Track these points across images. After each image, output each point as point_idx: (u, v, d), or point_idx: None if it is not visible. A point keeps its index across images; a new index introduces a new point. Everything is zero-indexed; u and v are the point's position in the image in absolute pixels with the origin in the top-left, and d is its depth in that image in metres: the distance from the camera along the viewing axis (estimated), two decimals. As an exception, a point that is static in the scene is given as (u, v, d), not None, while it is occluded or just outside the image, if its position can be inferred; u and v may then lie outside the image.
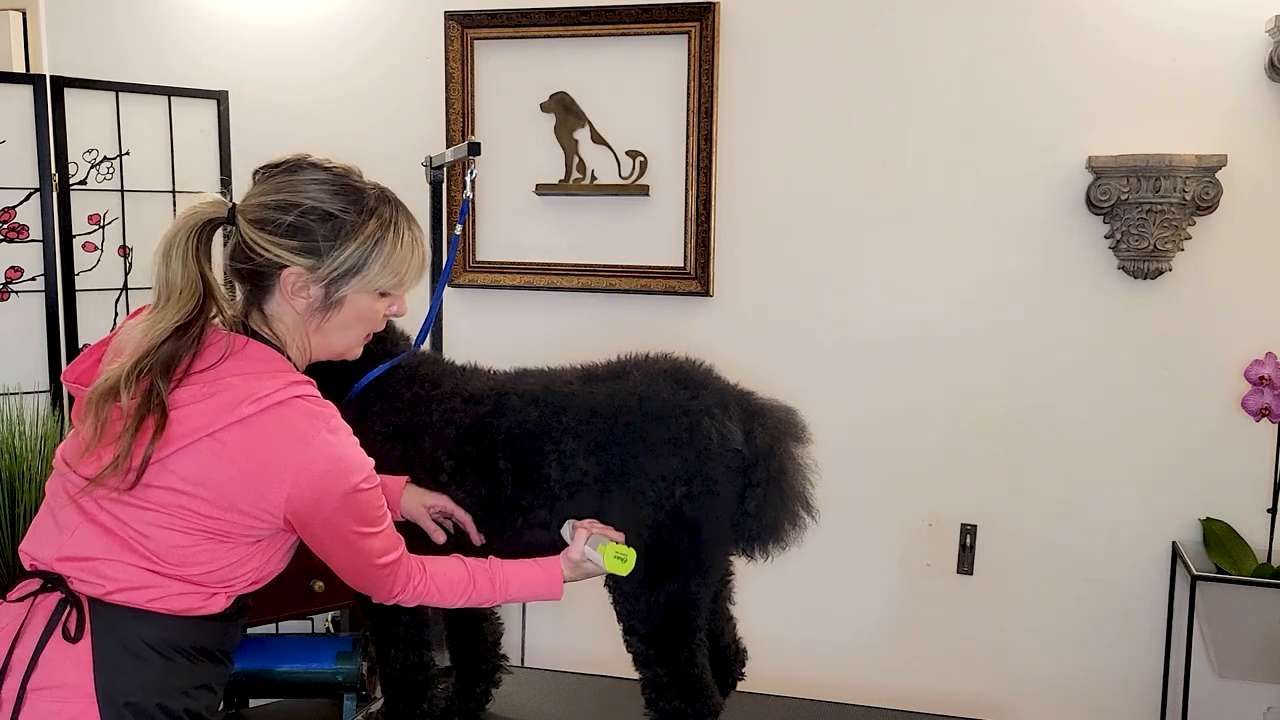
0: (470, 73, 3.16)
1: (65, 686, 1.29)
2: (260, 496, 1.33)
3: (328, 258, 1.38)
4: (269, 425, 1.32)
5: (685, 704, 1.65)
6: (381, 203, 1.44)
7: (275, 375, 1.36)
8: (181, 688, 1.36)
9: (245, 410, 1.31)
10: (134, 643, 1.32)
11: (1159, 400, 2.80)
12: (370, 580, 1.47)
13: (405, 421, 1.70)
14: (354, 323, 1.46)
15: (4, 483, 2.47)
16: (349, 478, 1.35)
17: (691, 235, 3.03)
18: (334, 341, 1.47)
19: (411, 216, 1.48)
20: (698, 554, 1.62)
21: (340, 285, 1.40)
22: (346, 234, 1.39)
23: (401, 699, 1.83)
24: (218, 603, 1.38)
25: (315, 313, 1.42)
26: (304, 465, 1.32)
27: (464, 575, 1.56)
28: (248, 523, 1.35)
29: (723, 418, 1.61)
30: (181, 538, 1.33)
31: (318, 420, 1.36)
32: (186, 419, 1.31)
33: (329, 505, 1.35)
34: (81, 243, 2.90)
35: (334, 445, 1.35)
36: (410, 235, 1.46)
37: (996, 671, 2.96)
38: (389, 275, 1.43)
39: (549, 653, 3.19)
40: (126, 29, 3.39)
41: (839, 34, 2.92)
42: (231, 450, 1.31)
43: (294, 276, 1.38)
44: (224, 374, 1.34)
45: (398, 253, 1.43)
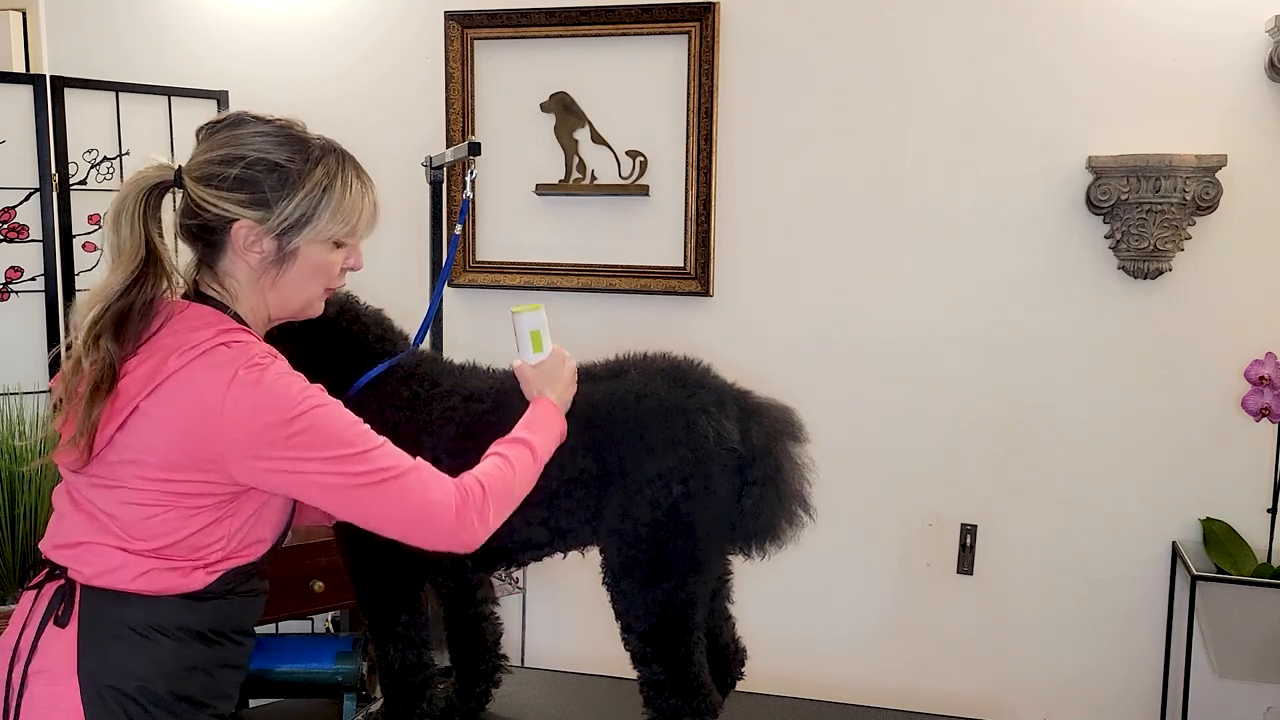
0: (470, 73, 3.16)
1: (55, 670, 1.31)
2: (198, 449, 1.30)
3: (277, 207, 1.37)
4: (192, 374, 1.30)
5: (683, 702, 1.65)
6: (327, 152, 1.42)
7: (206, 328, 1.34)
8: (165, 672, 1.35)
9: (173, 365, 1.30)
10: (117, 626, 1.33)
11: (1159, 400, 2.80)
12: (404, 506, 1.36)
13: (404, 420, 1.70)
14: (310, 276, 1.43)
15: (4, 483, 2.47)
16: (282, 408, 1.30)
17: (691, 235, 3.03)
18: (290, 297, 1.44)
19: (360, 166, 1.47)
20: (695, 552, 1.62)
21: (292, 235, 1.39)
22: (294, 183, 1.38)
23: (401, 699, 1.83)
24: (198, 579, 1.36)
25: (270, 267, 1.40)
26: (228, 409, 1.28)
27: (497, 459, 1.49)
28: (200, 480, 1.32)
29: (719, 416, 1.62)
30: (141, 510, 1.33)
31: (234, 361, 1.31)
32: (127, 388, 1.31)
33: (277, 444, 1.30)
34: (81, 243, 2.90)
35: (255, 380, 1.30)
36: (359, 183, 1.44)
37: (996, 671, 2.96)
38: (340, 223, 1.41)
39: (549, 653, 3.19)
40: (126, 29, 3.39)
41: (839, 34, 2.92)
42: (164, 407, 1.30)
43: (245, 230, 1.37)
44: (160, 338, 1.34)
45: (348, 199, 1.42)
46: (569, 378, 1.65)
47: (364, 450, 1.35)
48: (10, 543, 2.46)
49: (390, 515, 1.36)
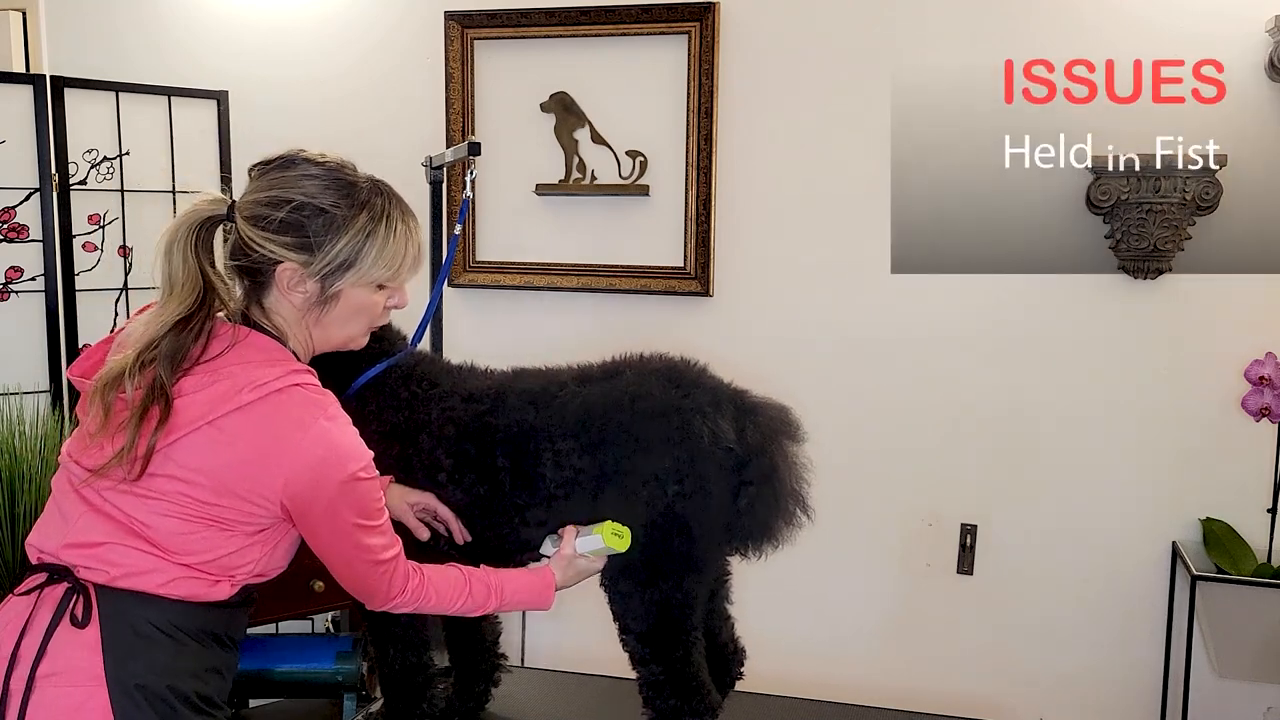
0: (470, 73, 3.16)
1: (73, 671, 1.31)
2: (257, 482, 1.33)
3: (320, 252, 1.39)
4: (267, 412, 1.33)
5: (681, 702, 1.65)
6: (374, 195, 1.44)
7: (276, 364, 1.37)
8: (191, 670, 1.36)
9: (245, 397, 1.33)
10: (143, 626, 1.33)
11: (1159, 400, 2.80)
12: (368, 579, 1.46)
13: (403, 420, 1.70)
14: (352, 316, 1.46)
15: (4, 483, 2.47)
16: (346, 465, 1.36)
17: (691, 235, 3.03)
18: (333, 335, 1.48)
19: (407, 208, 1.48)
20: (691, 552, 1.62)
21: (335, 279, 1.41)
22: (338, 228, 1.39)
23: (401, 699, 1.83)
24: (222, 590, 1.39)
25: (313, 307, 1.43)
26: (301, 451, 1.33)
27: (459, 577, 1.55)
28: (246, 510, 1.35)
29: (715, 416, 1.62)
30: (180, 524, 1.34)
31: (316, 408, 1.36)
32: (188, 407, 1.33)
33: (326, 493, 1.35)
34: (81, 243, 2.90)
35: (332, 432, 1.36)
36: (404, 227, 1.46)
37: (996, 671, 2.96)
38: (383, 268, 1.43)
39: (548, 653, 3.19)
40: (126, 29, 3.39)
41: (839, 34, 2.92)
42: (230, 436, 1.32)
43: (289, 272, 1.39)
44: (226, 363, 1.36)
45: (391, 245, 1.43)
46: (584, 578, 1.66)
47: (373, 529, 1.42)
48: (10, 543, 2.46)
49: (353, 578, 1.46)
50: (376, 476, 1.42)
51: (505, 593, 1.57)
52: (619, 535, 1.58)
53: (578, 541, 1.60)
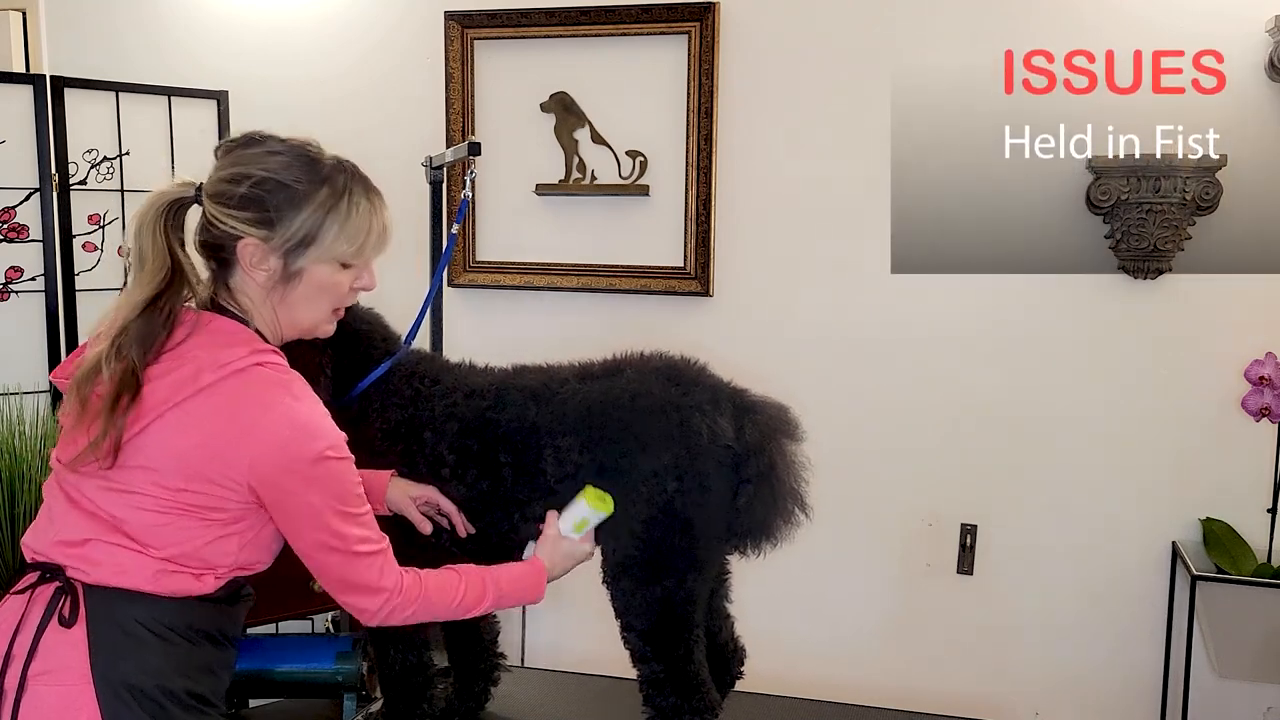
0: (470, 73, 3.16)
1: (62, 670, 1.31)
2: (224, 464, 1.32)
3: (280, 226, 1.38)
4: (230, 391, 1.33)
5: (682, 700, 1.66)
6: (337, 171, 1.43)
7: (238, 345, 1.37)
8: (182, 669, 1.36)
9: (206, 379, 1.32)
10: (130, 625, 1.33)
11: (1159, 400, 2.80)
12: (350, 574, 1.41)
13: (407, 418, 1.71)
14: (317, 295, 1.44)
15: (4, 483, 2.47)
16: (313, 443, 1.34)
17: (691, 235, 3.03)
18: (299, 315, 1.45)
19: (371, 186, 1.46)
20: (691, 549, 1.63)
21: (297, 255, 1.40)
22: (299, 202, 1.39)
23: (401, 699, 1.83)
24: (207, 583, 1.38)
25: (277, 285, 1.41)
26: (264, 430, 1.32)
27: (452, 576, 1.52)
28: (217, 494, 1.34)
29: (714, 414, 1.62)
30: (155, 517, 1.33)
31: (279, 386, 1.35)
32: (153, 393, 1.32)
33: (295, 474, 1.33)
34: (81, 243, 2.90)
35: (297, 410, 1.34)
36: (367, 203, 1.44)
37: (996, 671, 2.96)
38: (346, 243, 1.41)
39: (548, 652, 3.19)
40: (126, 29, 3.39)
41: (838, 34, 2.92)
42: (194, 418, 1.32)
43: (250, 248, 1.39)
44: (190, 348, 1.36)
45: (354, 219, 1.41)
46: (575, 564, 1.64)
47: (350, 515, 1.39)
48: (10, 543, 2.46)
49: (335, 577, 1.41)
50: (350, 459, 1.39)
51: (500, 586, 1.55)
52: (602, 500, 1.58)
53: (560, 521, 1.60)
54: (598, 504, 1.58)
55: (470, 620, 1.94)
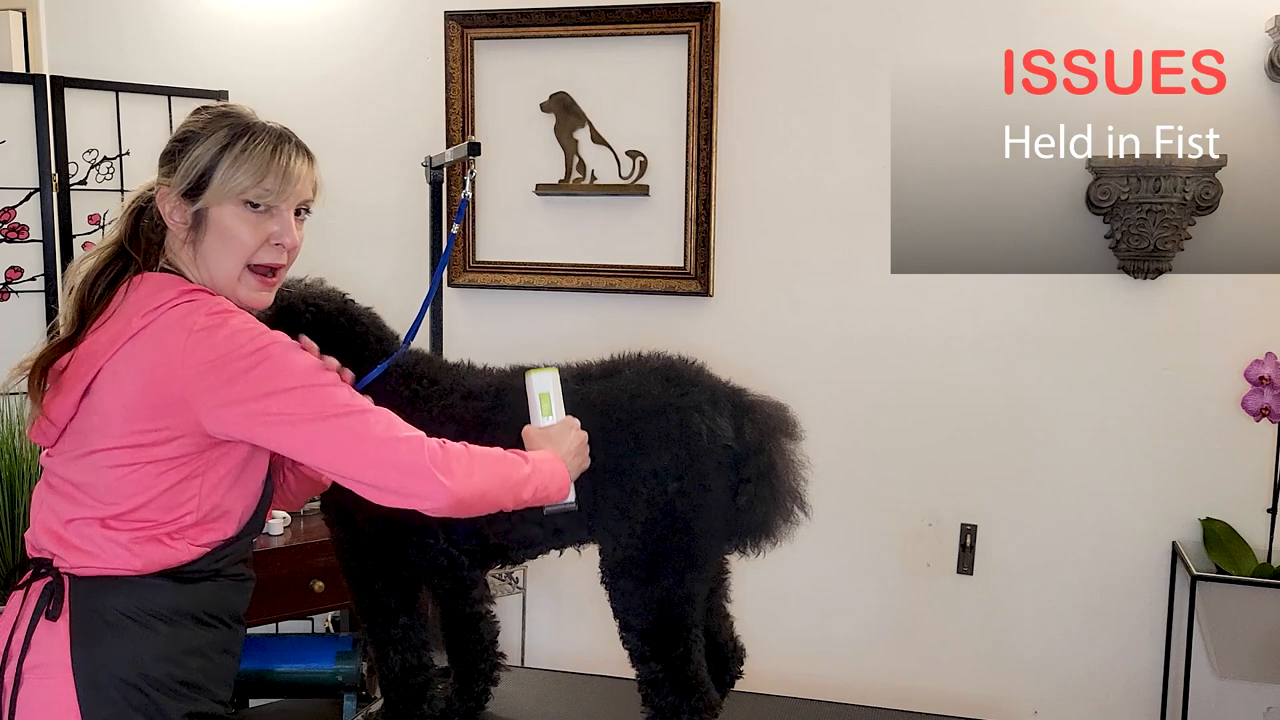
0: (470, 73, 3.16)
1: (49, 664, 1.32)
2: (164, 395, 1.31)
3: (180, 167, 1.39)
4: (158, 328, 1.33)
5: (681, 700, 1.65)
6: (241, 118, 1.42)
7: (167, 290, 1.37)
8: (165, 655, 1.35)
9: (137, 324, 1.33)
10: (110, 613, 1.33)
11: (1159, 400, 2.80)
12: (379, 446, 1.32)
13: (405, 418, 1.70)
14: (224, 243, 1.39)
15: (4, 483, 2.47)
16: (244, 343, 1.31)
17: (691, 235, 3.03)
18: (216, 270, 1.40)
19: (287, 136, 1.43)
20: (691, 549, 1.63)
21: (198, 194, 1.38)
22: (196, 141, 1.40)
23: (401, 701, 1.83)
24: (183, 550, 1.37)
25: (189, 235, 1.40)
26: (193, 347, 1.30)
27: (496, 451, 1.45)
28: (166, 430, 1.32)
29: (713, 413, 1.62)
30: (112, 472, 1.34)
31: (199, 307, 1.34)
32: (88, 352, 1.34)
33: (235, 376, 1.29)
34: (81, 243, 2.90)
35: (220, 323, 1.32)
36: (271, 145, 1.40)
37: (996, 671, 2.96)
38: (244, 175, 1.37)
39: (548, 653, 3.19)
40: (126, 29, 3.39)
41: (838, 34, 2.92)
42: (130, 361, 1.32)
43: (161, 195, 1.40)
44: (123, 307, 1.37)
45: (251, 154, 1.38)
46: (575, 446, 1.56)
47: (326, 385, 1.34)
48: (10, 543, 2.46)
49: (361, 453, 1.32)
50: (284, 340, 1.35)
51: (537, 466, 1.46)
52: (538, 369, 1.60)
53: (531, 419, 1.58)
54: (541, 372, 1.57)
55: (471, 621, 1.95)
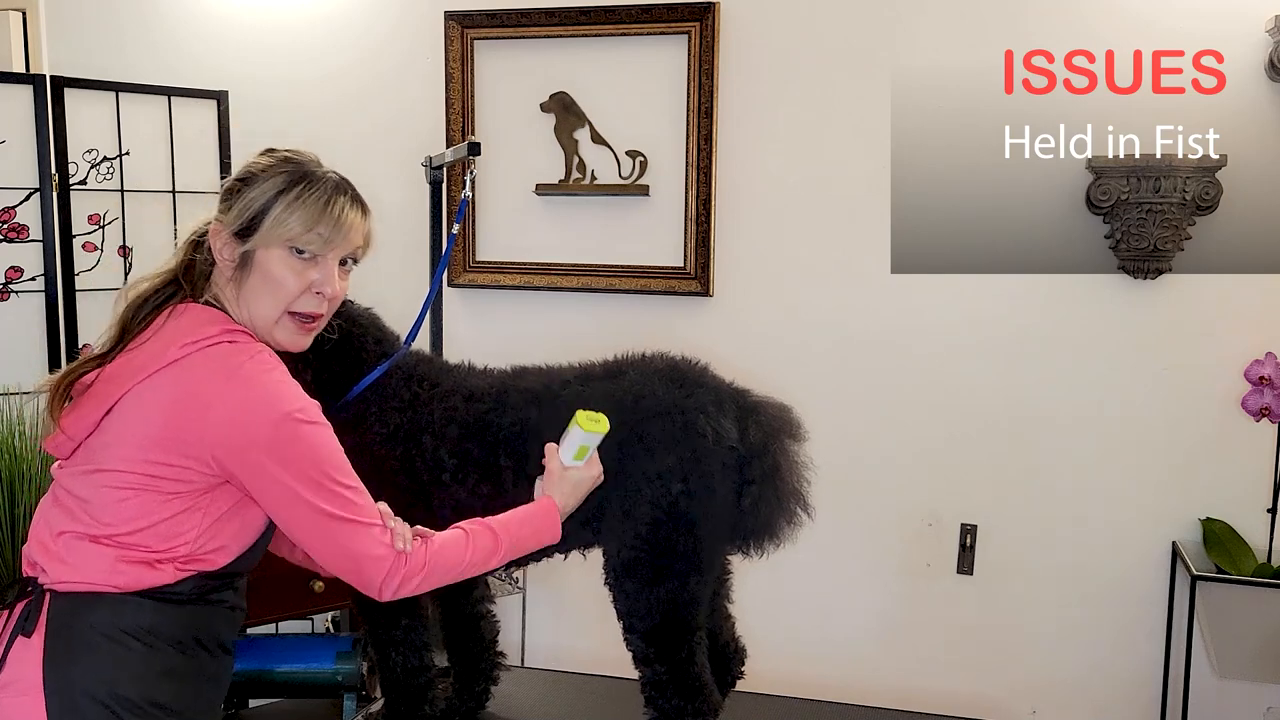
0: (470, 73, 3.16)
1: (21, 681, 1.30)
2: (183, 434, 1.32)
3: (235, 205, 1.41)
4: (194, 364, 1.34)
5: (684, 702, 1.66)
6: (306, 164, 1.44)
7: (210, 325, 1.38)
8: (137, 675, 1.33)
9: (173, 354, 1.34)
10: (85, 630, 1.32)
11: (1159, 400, 2.80)
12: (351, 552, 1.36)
13: (405, 421, 1.70)
14: (269, 286, 1.40)
15: (4, 483, 2.47)
16: (278, 404, 1.32)
17: (691, 235, 3.03)
18: (255, 308, 1.41)
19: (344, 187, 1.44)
20: (695, 551, 1.63)
21: (249, 235, 1.39)
22: (254, 182, 1.42)
23: (401, 700, 1.83)
24: (166, 573, 1.35)
25: (235, 273, 1.41)
26: (227, 394, 1.31)
27: (459, 534, 1.47)
28: (177, 465, 1.33)
29: (717, 415, 1.62)
30: (117, 493, 1.34)
31: (243, 353, 1.35)
32: (121, 371, 1.35)
33: (260, 437, 1.30)
34: (81, 243, 2.90)
35: (261, 375, 1.34)
36: (328, 195, 1.41)
37: (996, 671, 2.96)
38: (296, 222, 1.38)
39: (549, 653, 3.19)
40: (126, 29, 3.39)
41: (838, 34, 2.92)
42: (159, 391, 1.33)
43: (213, 230, 1.42)
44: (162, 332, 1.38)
45: (305, 202, 1.39)
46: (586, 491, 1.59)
47: (339, 486, 1.35)
48: (10, 543, 2.46)
49: (329, 552, 1.37)
50: (324, 425, 1.36)
51: (512, 536, 1.50)
52: (595, 420, 1.54)
53: (560, 453, 1.57)
54: (593, 426, 1.53)
55: (471, 621, 1.95)
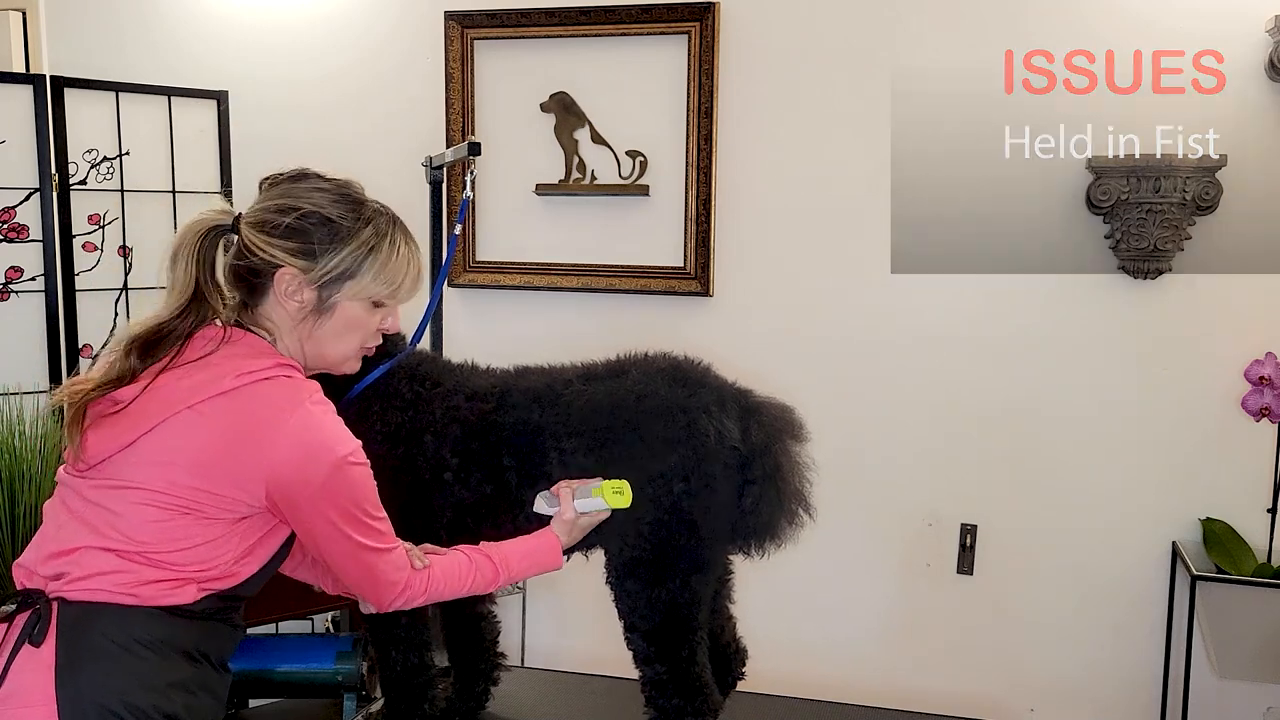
0: (470, 73, 3.16)
1: (27, 691, 1.29)
2: (239, 466, 1.32)
3: (322, 260, 1.40)
4: (251, 397, 1.34)
5: (685, 701, 1.66)
6: (378, 214, 1.46)
7: (264, 356, 1.39)
8: (150, 685, 1.32)
9: (229, 384, 1.34)
10: (97, 640, 1.31)
11: (1159, 400, 2.80)
12: (373, 575, 1.45)
13: (407, 420, 1.70)
14: (345, 332, 1.46)
15: (4, 483, 2.47)
16: (335, 449, 1.36)
17: (691, 235, 3.03)
18: (327, 350, 1.47)
19: (409, 233, 1.50)
20: (698, 550, 1.63)
21: (333, 290, 1.42)
22: (342, 238, 1.41)
23: (402, 700, 1.83)
24: (187, 593, 1.35)
25: (308, 317, 1.43)
26: (286, 435, 1.33)
27: (464, 560, 1.55)
28: (227, 495, 1.34)
29: (720, 415, 1.62)
30: (157, 512, 1.33)
31: (301, 392, 1.37)
32: (168, 394, 1.34)
33: (316, 479, 1.34)
34: (81, 243, 2.90)
35: (318, 417, 1.36)
36: (407, 248, 1.47)
37: (996, 671, 2.96)
38: (382, 284, 1.44)
39: (549, 653, 3.19)
40: (126, 29, 3.39)
41: (838, 33, 2.92)
42: (212, 420, 1.33)
43: (288, 277, 1.40)
44: (214, 358, 1.37)
45: (393, 262, 1.45)
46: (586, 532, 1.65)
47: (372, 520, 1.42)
48: (10, 543, 2.46)
49: (353, 573, 1.45)
50: (367, 465, 1.41)
51: (511, 568, 1.58)
52: (619, 492, 1.56)
53: (576, 503, 1.59)
54: (616, 500, 1.57)
55: (471, 621, 1.95)
